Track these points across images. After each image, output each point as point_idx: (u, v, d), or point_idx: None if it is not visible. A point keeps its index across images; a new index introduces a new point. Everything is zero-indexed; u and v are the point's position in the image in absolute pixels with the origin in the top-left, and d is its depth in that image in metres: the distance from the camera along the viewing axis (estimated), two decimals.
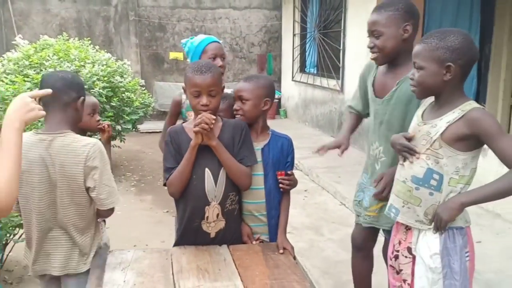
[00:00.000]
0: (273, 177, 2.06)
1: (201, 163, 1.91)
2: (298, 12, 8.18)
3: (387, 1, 1.99)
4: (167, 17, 9.65)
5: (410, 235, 1.73)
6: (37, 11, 8.87)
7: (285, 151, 2.10)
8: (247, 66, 10.05)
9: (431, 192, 1.64)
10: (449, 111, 1.61)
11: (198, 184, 1.91)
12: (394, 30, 1.91)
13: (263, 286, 1.67)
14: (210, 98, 1.87)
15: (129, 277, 1.68)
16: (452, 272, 1.62)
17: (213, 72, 1.88)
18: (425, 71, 1.60)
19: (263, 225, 2.09)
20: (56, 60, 5.30)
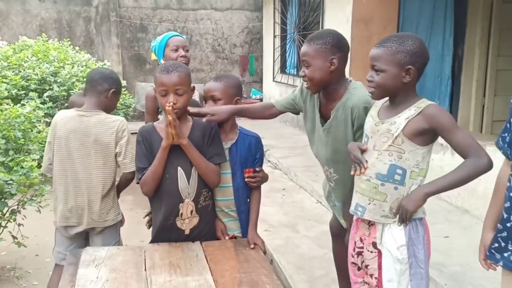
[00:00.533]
0: (241, 175, 2.15)
1: (173, 162, 1.97)
2: (278, 14, 8.28)
3: (317, 34, 2.07)
4: (148, 18, 9.65)
5: (374, 230, 1.81)
6: (16, 12, 8.79)
7: (253, 149, 2.19)
8: (229, 67, 10.10)
9: (395, 187, 1.73)
10: (405, 109, 1.70)
11: (172, 183, 1.97)
12: (321, 62, 1.97)
13: (232, 280, 1.74)
14: (177, 97, 1.93)
15: (102, 273, 1.74)
16: (418, 261, 1.72)
17: (180, 72, 1.93)
18: (386, 74, 1.69)
19: (234, 219, 2.17)
20: (35, 61, 5.29)
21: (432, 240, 3.11)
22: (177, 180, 1.97)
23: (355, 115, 2.00)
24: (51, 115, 4.92)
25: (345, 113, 2.02)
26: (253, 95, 9.76)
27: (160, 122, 2.09)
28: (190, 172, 1.99)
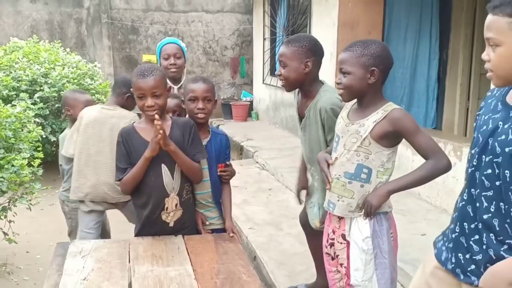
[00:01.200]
0: (216, 170, 2.31)
1: (156, 160, 2.06)
2: (268, 17, 8.40)
3: (296, 37, 2.26)
4: (140, 20, 9.70)
5: (343, 223, 1.94)
6: (7, 13, 8.82)
7: (224, 146, 2.37)
8: (220, 69, 10.19)
9: (362, 185, 1.86)
10: (373, 111, 1.83)
11: (156, 179, 2.08)
12: (297, 64, 2.15)
13: (211, 270, 1.85)
14: (154, 99, 2.04)
15: (88, 264, 1.84)
16: (382, 251, 1.85)
17: (155, 75, 2.03)
18: (353, 75, 1.81)
19: (213, 208, 2.32)
20: (26, 62, 5.36)
21: (410, 238, 3.27)
22: (161, 176, 2.08)
23: (323, 116, 2.15)
24: (42, 116, 5.01)
25: (315, 114, 2.18)
26: (244, 97, 9.86)
27: (140, 122, 2.19)
28: (174, 168, 2.10)
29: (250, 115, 9.30)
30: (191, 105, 2.22)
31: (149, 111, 2.04)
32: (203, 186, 2.28)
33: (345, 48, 1.86)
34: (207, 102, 2.22)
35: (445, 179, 3.79)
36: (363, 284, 1.87)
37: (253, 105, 9.51)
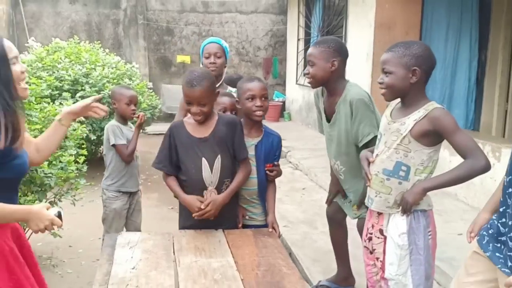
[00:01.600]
0: (263, 169, 2.37)
1: (198, 153, 2.17)
2: (303, 18, 8.42)
3: (323, 39, 2.48)
4: (175, 21, 9.89)
5: (382, 219, 1.97)
6: (48, 14, 9.17)
7: (275, 147, 2.41)
8: (252, 69, 10.27)
9: (400, 182, 1.89)
10: (415, 110, 1.84)
11: (196, 173, 2.17)
12: (324, 63, 2.33)
13: (251, 262, 1.90)
14: (200, 107, 2.13)
15: (136, 254, 1.93)
16: (417, 248, 1.87)
17: (203, 85, 2.09)
18: (394, 75, 1.84)
19: (257, 204, 2.39)
20: (68, 62, 5.55)
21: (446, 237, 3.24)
22: (201, 170, 2.17)
23: (352, 107, 2.29)
24: None
25: (345, 107, 2.33)
26: (276, 97, 9.90)
27: (190, 117, 2.28)
28: (213, 163, 2.18)
29: (282, 116, 9.35)
30: (248, 103, 2.28)
31: (194, 117, 2.17)
32: (250, 183, 2.34)
33: (387, 49, 1.90)
34: (264, 100, 2.30)
35: (483, 180, 3.72)
36: (397, 278, 1.91)
37: (286, 106, 9.54)
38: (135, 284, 1.67)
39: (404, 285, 1.90)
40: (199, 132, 2.19)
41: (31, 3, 9.07)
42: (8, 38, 8.66)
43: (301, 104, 8.63)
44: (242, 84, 2.34)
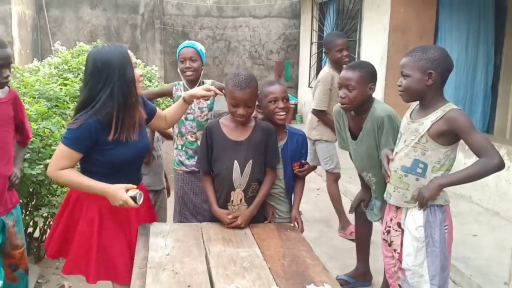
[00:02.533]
0: (290, 169, 2.44)
1: (231, 155, 2.25)
2: (316, 22, 8.53)
3: (360, 63, 2.56)
4: (190, 25, 10.06)
5: (400, 212, 2.10)
6: (70, 19, 9.42)
7: (300, 145, 2.47)
8: (265, 72, 10.37)
9: (417, 178, 2.01)
10: (432, 111, 1.96)
11: (227, 173, 2.27)
12: (364, 88, 2.40)
13: (277, 253, 2.03)
14: (246, 109, 2.21)
15: (168, 242, 2.07)
16: (433, 241, 1.99)
17: (251, 88, 2.17)
18: (411, 78, 1.96)
19: (284, 202, 2.48)
20: None
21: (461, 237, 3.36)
22: (231, 171, 2.26)
23: (380, 123, 2.39)
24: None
25: (372, 123, 2.43)
26: None
27: (226, 119, 2.36)
28: (244, 166, 2.27)
29: (294, 118, 9.45)
30: (271, 106, 2.33)
31: (239, 118, 2.22)
32: (278, 184, 2.42)
33: (406, 53, 2.02)
34: (286, 102, 2.37)
35: (498, 182, 3.81)
36: (413, 268, 2.02)
37: (298, 108, 9.64)
38: (171, 268, 1.81)
39: (420, 275, 2.02)
40: (235, 135, 2.26)
41: (54, 9, 9.31)
42: (32, 41, 8.98)
43: None
44: (263, 88, 2.39)
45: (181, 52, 2.92)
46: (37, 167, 2.65)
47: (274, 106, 2.34)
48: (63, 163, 1.99)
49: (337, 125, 2.72)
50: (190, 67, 2.87)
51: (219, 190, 2.32)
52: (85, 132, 1.94)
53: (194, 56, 2.88)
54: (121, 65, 1.97)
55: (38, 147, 2.72)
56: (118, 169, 2.06)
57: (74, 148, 1.97)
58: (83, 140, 1.96)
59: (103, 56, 1.98)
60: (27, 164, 2.62)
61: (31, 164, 2.66)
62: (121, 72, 1.97)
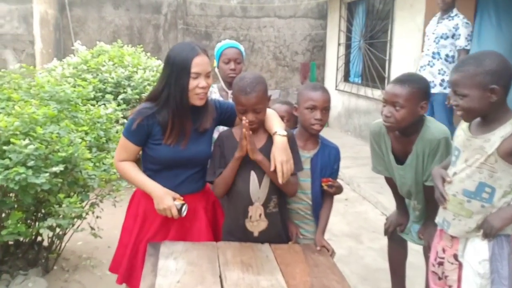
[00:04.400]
0: (319, 183, 2.19)
1: (247, 165, 2.02)
2: (344, 22, 8.22)
3: (409, 77, 2.13)
4: (213, 26, 9.88)
5: (456, 242, 1.78)
6: (93, 18, 9.36)
7: (332, 160, 2.22)
8: (289, 74, 10.12)
9: (482, 205, 1.70)
10: (500, 125, 1.65)
11: (243, 185, 2.03)
12: (414, 106, 2.04)
13: (304, 283, 1.75)
14: (255, 115, 1.99)
15: (180, 265, 1.82)
16: (500, 277, 1.67)
17: (257, 91, 1.96)
18: (470, 98, 1.66)
19: (310, 221, 2.22)
20: (112, 65, 5.59)
21: None
22: (248, 183, 2.02)
23: (434, 146, 2.05)
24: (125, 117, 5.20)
25: (424, 146, 2.09)
26: None
27: (239, 127, 2.14)
28: (262, 177, 2.03)
29: None
30: (308, 114, 2.11)
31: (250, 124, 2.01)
32: (303, 198, 2.19)
33: (456, 68, 1.71)
34: (325, 112, 2.12)
35: None
36: None
37: None
38: None
39: None
40: None
41: (77, 8, 9.28)
42: (55, 41, 8.94)
43: (340, 111, 8.41)
44: (304, 91, 2.15)
45: (224, 52, 2.79)
46: (42, 175, 2.44)
47: (311, 115, 2.09)
48: (122, 155, 2.07)
49: (374, 146, 2.36)
50: (235, 69, 2.75)
51: (235, 205, 2.07)
52: (140, 125, 1.98)
53: (239, 58, 2.78)
54: (179, 70, 1.95)
55: (44, 153, 2.51)
56: (164, 168, 2.06)
57: (130, 139, 2.03)
58: (138, 133, 2.00)
59: (172, 53, 2.00)
60: (31, 172, 2.42)
61: (36, 171, 2.45)
62: (177, 76, 1.95)
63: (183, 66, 1.94)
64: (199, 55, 1.96)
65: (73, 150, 2.56)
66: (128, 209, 2.25)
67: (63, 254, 3.30)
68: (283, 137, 1.98)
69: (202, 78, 1.97)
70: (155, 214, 2.06)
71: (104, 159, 3.08)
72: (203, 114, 2.07)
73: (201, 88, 1.97)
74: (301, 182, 2.16)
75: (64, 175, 2.69)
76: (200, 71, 1.96)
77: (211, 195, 2.23)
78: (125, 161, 2.07)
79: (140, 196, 2.15)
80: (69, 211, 2.64)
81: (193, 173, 2.10)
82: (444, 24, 4.66)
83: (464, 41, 4.53)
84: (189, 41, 2.12)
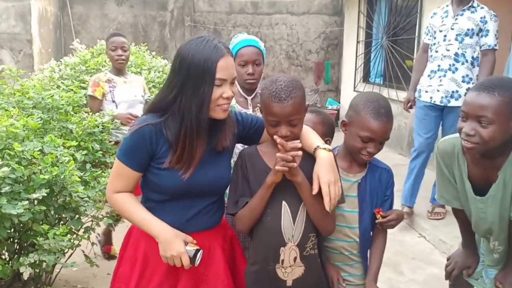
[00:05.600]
0: (369, 215, 1.77)
1: (277, 195, 1.60)
2: (364, 18, 7.68)
3: (501, 82, 1.60)
4: (222, 23, 9.47)
5: None
6: (95, 16, 8.95)
7: (384, 184, 1.81)
8: (303, 74, 9.69)
9: None
10: None
11: (273, 220, 1.60)
12: (507, 121, 1.56)
13: None
14: (290, 128, 1.56)
15: None
16: None
17: (295, 98, 1.55)
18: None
19: (357, 263, 1.80)
20: None
21: None
22: (280, 217, 1.60)
23: None
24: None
25: None
26: (329, 105, 9.23)
27: (266, 145, 1.72)
28: (298, 209, 1.61)
29: (336, 125, 8.63)
30: (360, 143, 1.69)
31: None
32: (349, 234, 1.78)
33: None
34: (381, 145, 1.71)
35: None
36: None
37: (340, 114, 8.84)
38: None
39: None
40: None
41: (79, 5, 8.87)
42: (55, 40, 8.50)
43: None
44: (364, 112, 1.67)
45: (241, 52, 2.15)
46: (20, 204, 1.94)
47: (363, 145, 1.69)
48: (117, 185, 1.60)
49: (443, 170, 1.85)
50: (253, 73, 2.14)
51: (263, 246, 1.64)
52: (138, 142, 1.54)
53: (258, 59, 2.17)
54: (199, 75, 1.49)
55: (22, 177, 2.00)
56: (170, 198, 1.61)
57: (128, 163, 1.57)
58: (138, 154, 1.55)
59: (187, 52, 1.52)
60: (6, 199, 1.91)
61: (11, 199, 1.95)
62: (196, 83, 1.50)
63: (205, 70, 1.49)
64: (224, 57, 1.52)
65: (59, 171, 2.06)
66: (123, 251, 1.73)
67: (54, 284, 2.87)
68: (329, 152, 1.54)
69: (227, 85, 1.55)
70: (159, 259, 1.59)
71: (99, 177, 2.60)
72: (221, 128, 1.63)
73: (225, 98, 1.54)
74: (346, 214, 1.76)
75: (49, 200, 2.21)
76: (226, 76, 1.53)
77: (228, 229, 1.78)
78: (120, 192, 1.60)
79: (139, 235, 1.66)
80: (56, 244, 2.16)
81: (208, 204, 1.65)
82: (466, 17, 3.72)
83: (494, 39, 3.66)
84: (206, 35, 1.59)
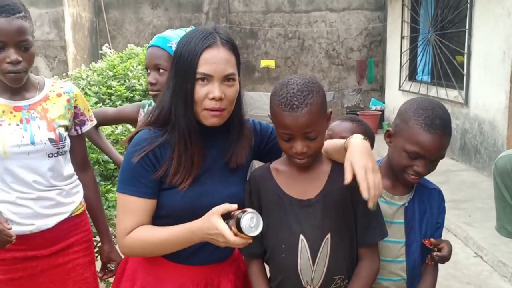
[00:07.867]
0: (418, 246, 1.45)
1: (294, 227, 1.29)
2: (408, 11, 7.15)
3: None
4: (259, 23, 9.23)
5: None
6: (130, 20, 8.95)
7: (435, 209, 1.48)
8: (344, 73, 9.28)
9: None
10: None
11: (288, 259, 1.29)
12: None
13: None
14: (308, 143, 1.23)
15: None
16: None
17: (311, 105, 1.21)
18: None
19: None
20: (140, 70, 4.97)
21: None
22: (296, 255, 1.28)
23: None
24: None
25: None
26: (373, 105, 8.75)
27: (281, 162, 1.38)
28: (319, 246, 1.27)
29: (381, 127, 8.15)
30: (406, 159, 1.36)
31: (297, 158, 1.26)
32: (394, 270, 1.44)
33: None
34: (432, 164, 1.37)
35: None
36: None
37: (385, 115, 8.36)
38: None
39: None
40: (299, 189, 1.31)
41: (114, 10, 8.90)
42: (91, 46, 8.53)
43: None
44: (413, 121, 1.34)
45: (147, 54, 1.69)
46: None
47: (409, 162, 1.34)
48: (129, 222, 1.26)
49: (504, 194, 1.53)
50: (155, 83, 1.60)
51: None
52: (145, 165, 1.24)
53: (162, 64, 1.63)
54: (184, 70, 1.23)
55: None
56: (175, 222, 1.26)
57: (134, 193, 1.25)
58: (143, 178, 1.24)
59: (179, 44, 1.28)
60: None
61: None
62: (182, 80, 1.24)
63: (188, 64, 1.22)
64: (211, 48, 1.22)
65: None
66: (117, 284, 1.44)
67: None
68: (363, 140, 1.22)
69: (215, 83, 1.23)
70: None
71: (107, 193, 2.37)
72: (237, 142, 1.34)
73: (211, 99, 1.23)
74: (390, 245, 1.43)
75: None
76: (211, 72, 1.22)
77: (242, 263, 1.47)
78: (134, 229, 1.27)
79: (136, 264, 1.38)
80: None
81: None
82: None
83: None
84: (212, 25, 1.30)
